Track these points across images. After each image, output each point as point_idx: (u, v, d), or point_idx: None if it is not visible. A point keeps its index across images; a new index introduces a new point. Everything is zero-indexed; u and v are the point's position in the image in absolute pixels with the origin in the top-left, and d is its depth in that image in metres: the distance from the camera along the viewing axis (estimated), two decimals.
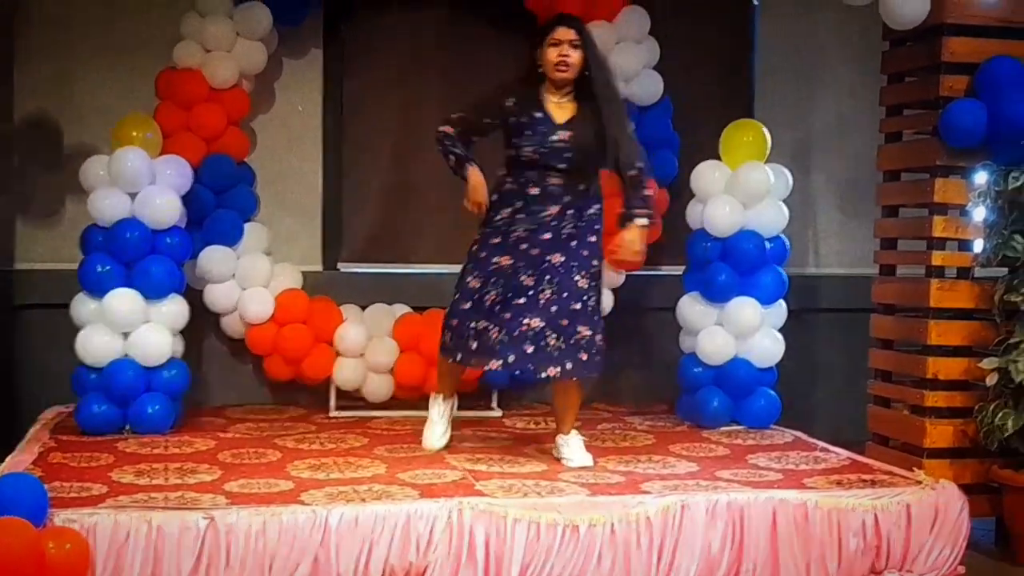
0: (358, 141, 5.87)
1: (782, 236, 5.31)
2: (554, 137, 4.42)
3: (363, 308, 5.62)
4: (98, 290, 4.90)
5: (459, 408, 4.90)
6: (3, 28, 5.54)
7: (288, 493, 3.96)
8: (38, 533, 3.27)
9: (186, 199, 5.07)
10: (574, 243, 4.45)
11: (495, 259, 4.49)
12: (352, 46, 5.87)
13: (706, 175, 5.28)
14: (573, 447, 4.57)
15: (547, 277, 4.42)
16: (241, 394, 5.73)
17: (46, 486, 3.54)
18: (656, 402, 5.80)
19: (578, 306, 4.42)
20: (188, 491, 3.96)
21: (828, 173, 6.21)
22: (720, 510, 3.96)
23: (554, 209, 4.43)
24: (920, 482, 4.21)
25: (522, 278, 4.45)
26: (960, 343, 4.78)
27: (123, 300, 4.87)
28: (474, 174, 4.43)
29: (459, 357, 4.55)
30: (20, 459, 4.33)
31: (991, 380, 4.63)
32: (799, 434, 5.13)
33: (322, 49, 5.84)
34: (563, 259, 4.42)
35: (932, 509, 4.12)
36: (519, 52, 5.81)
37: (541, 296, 4.42)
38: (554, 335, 4.39)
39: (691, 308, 5.30)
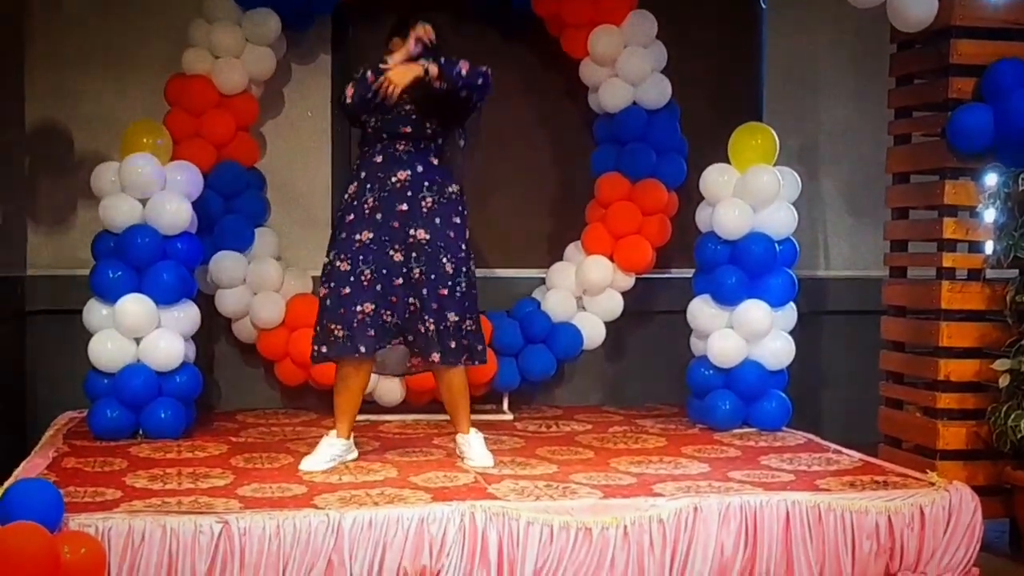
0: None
1: (791, 239, 5.31)
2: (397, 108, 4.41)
3: None
4: (110, 296, 4.91)
5: (472, 412, 4.85)
6: (13, 36, 5.56)
7: (301, 497, 3.97)
8: (53, 538, 3.27)
9: (196, 205, 5.09)
10: (438, 219, 4.44)
11: (356, 236, 4.42)
12: (360, 51, 5.88)
13: (715, 178, 5.28)
14: (474, 446, 4.53)
15: (413, 255, 4.41)
16: (252, 399, 5.75)
17: (61, 491, 3.55)
18: (667, 404, 5.80)
19: (445, 291, 4.42)
20: (201, 495, 3.97)
21: (835, 176, 6.21)
22: (733, 512, 3.96)
23: (401, 174, 4.42)
24: (933, 484, 4.20)
25: (390, 253, 4.41)
26: (972, 345, 4.78)
27: (135, 306, 4.89)
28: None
29: (362, 349, 4.39)
30: (34, 464, 4.34)
31: (1003, 382, 4.62)
32: (811, 436, 5.13)
33: (330, 54, 5.86)
34: (428, 237, 4.41)
35: (945, 511, 4.10)
36: (526, 58, 5.92)
37: (412, 275, 4.42)
38: (431, 320, 4.41)
39: (701, 311, 5.30)
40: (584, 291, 5.66)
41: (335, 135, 5.87)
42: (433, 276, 4.41)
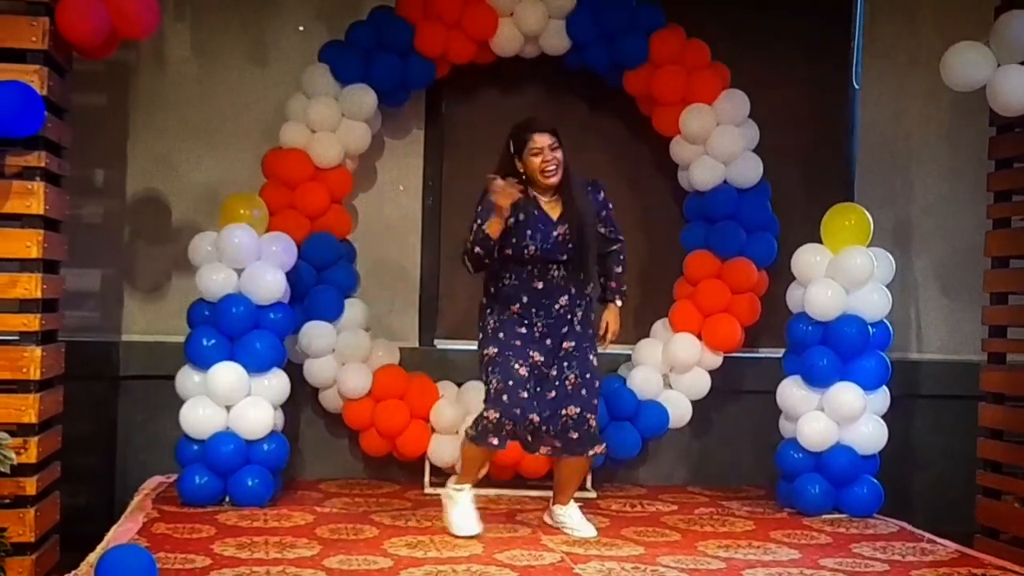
0: (456, 220, 5.92)
1: (885, 321, 5.23)
2: (555, 233, 4.58)
3: (459, 385, 5.64)
4: (203, 363, 4.99)
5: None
6: (118, 106, 5.74)
7: (387, 571, 3.96)
8: None
9: (289, 275, 5.17)
10: (579, 327, 4.68)
11: (531, 353, 4.60)
12: (452, 126, 5.98)
13: (808, 259, 5.24)
14: (575, 517, 4.69)
15: (566, 364, 4.63)
16: (336, 468, 5.78)
17: (153, 556, 3.58)
18: (753, 486, 5.70)
19: (597, 383, 4.70)
20: (289, 566, 3.98)
21: (929, 256, 6.12)
22: None
23: (563, 300, 4.63)
24: None
25: (547, 371, 4.63)
26: None
27: (227, 373, 4.96)
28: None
29: (497, 443, 4.52)
30: (126, 528, 4.40)
31: None
32: (904, 524, 5.00)
33: (423, 130, 5.96)
34: (573, 343, 4.65)
35: None
36: (615, 131, 5.96)
37: (567, 383, 4.61)
38: (592, 416, 4.62)
39: (792, 392, 5.22)
40: (671, 368, 5.62)
41: (425, 208, 5.94)
42: (588, 375, 4.65)
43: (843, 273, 5.13)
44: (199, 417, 4.97)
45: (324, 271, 5.53)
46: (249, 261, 5.05)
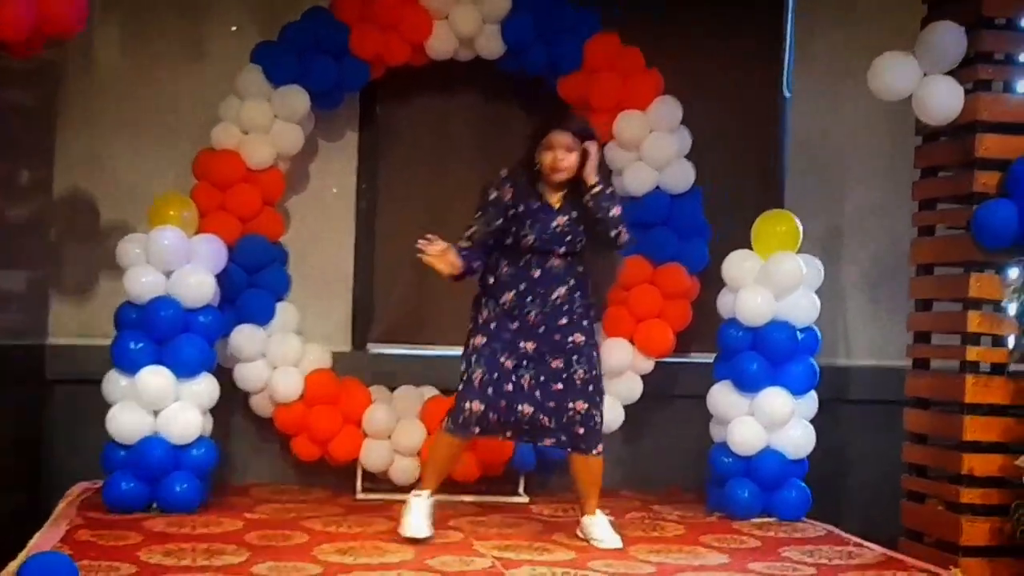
0: (390, 223, 5.91)
1: (814, 327, 5.30)
2: (554, 223, 4.59)
3: (392, 390, 5.62)
4: (130, 367, 4.92)
5: (486, 493, 4.84)
6: (44, 104, 5.64)
7: None
8: None
9: (220, 278, 5.11)
10: (585, 322, 4.66)
11: (521, 344, 4.57)
12: (387, 129, 5.95)
13: (738, 265, 5.29)
14: (599, 528, 4.62)
15: (575, 358, 4.59)
16: (267, 473, 5.72)
17: (76, 565, 3.51)
18: (684, 491, 5.74)
19: (602, 382, 4.71)
20: (217, 573, 3.94)
21: (857, 264, 6.21)
22: None
23: (561, 290, 4.60)
24: None
25: (551, 362, 4.55)
26: (996, 439, 4.74)
27: (155, 378, 4.89)
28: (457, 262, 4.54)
29: (479, 432, 4.53)
30: (49, 536, 4.32)
31: None
32: (831, 528, 5.06)
33: (358, 132, 5.92)
34: (583, 338, 4.63)
35: None
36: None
37: (576, 378, 4.56)
38: (598, 413, 4.60)
39: (722, 397, 5.27)
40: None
41: (359, 211, 5.91)
42: (594, 372, 4.67)
43: (773, 279, 5.18)
44: (126, 422, 4.89)
45: (255, 274, 5.47)
46: (178, 263, 4.98)
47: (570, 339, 4.61)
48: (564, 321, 4.61)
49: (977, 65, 4.82)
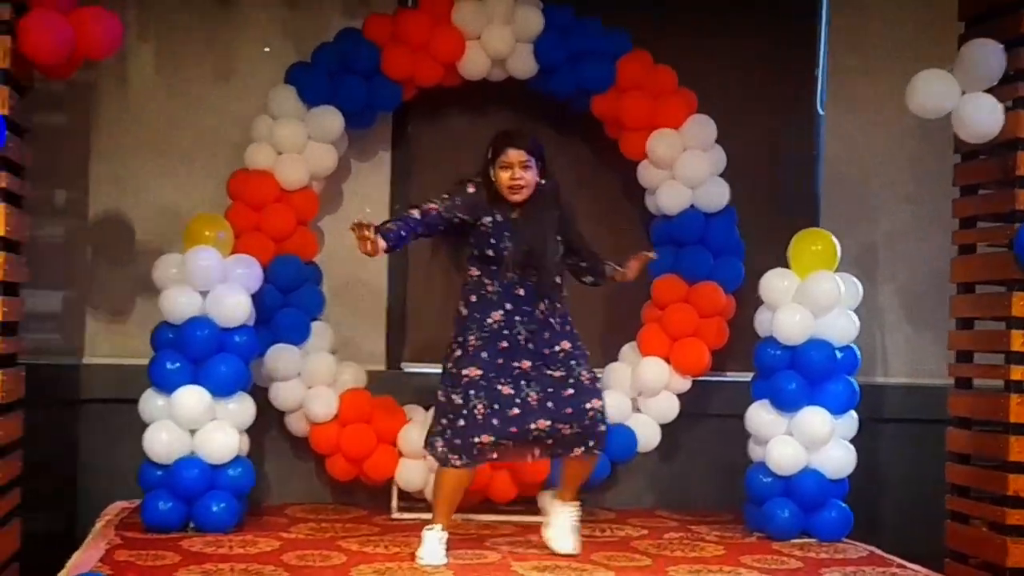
0: (423, 242, 5.87)
1: (852, 345, 5.25)
2: (528, 238, 4.61)
3: (426, 408, 5.59)
4: (167, 387, 4.92)
5: (525, 514, 4.80)
6: (79, 126, 5.67)
7: None
8: None
9: (255, 298, 5.11)
10: (568, 327, 4.72)
11: (515, 365, 4.59)
12: (419, 148, 5.95)
13: (775, 283, 5.25)
14: (561, 523, 4.68)
15: (573, 362, 4.65)
16: (302, 493, 5.71)
17: None
18: (722, 511, 5.69)
19: (599, 382, 4.78)
20: None
21: (893, 282, 6.16)
22: None
23: (543, 305, 4.65)
24: None
25: (552, 373, 4.62)
26: None
27: (191, 397, 4.89)
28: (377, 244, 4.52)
29: (496, 457, 4.59)
30: (88, 556, 4.31)
31: None
32: (873, 549, 5.00)
33: (390, 151, 5.93)
34: (570, 344, 4.69)
35: None
36: (581, 155, 5.96)
37: (583, 379, 4.63)
38: (605, 410, 4.67)
39: (760, 416, 5.23)
40: (639, 392, 5.61)
41: None
42: (594, 371, 4.77)
43: (811, 298, 5.15)
44: (163, 441, 4.89)
45: (290, 294, 5.47)
46: (214, 283, 4.98)
47: (558, 348, 4.64)
48: (548, 334, 4.64)
49: (1017, 83, 4.77)
